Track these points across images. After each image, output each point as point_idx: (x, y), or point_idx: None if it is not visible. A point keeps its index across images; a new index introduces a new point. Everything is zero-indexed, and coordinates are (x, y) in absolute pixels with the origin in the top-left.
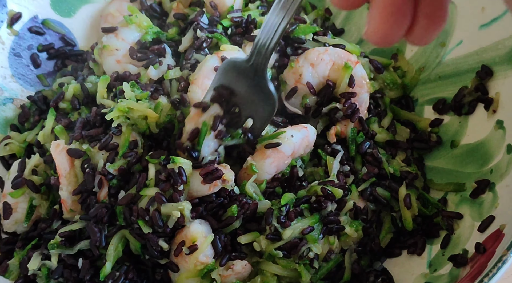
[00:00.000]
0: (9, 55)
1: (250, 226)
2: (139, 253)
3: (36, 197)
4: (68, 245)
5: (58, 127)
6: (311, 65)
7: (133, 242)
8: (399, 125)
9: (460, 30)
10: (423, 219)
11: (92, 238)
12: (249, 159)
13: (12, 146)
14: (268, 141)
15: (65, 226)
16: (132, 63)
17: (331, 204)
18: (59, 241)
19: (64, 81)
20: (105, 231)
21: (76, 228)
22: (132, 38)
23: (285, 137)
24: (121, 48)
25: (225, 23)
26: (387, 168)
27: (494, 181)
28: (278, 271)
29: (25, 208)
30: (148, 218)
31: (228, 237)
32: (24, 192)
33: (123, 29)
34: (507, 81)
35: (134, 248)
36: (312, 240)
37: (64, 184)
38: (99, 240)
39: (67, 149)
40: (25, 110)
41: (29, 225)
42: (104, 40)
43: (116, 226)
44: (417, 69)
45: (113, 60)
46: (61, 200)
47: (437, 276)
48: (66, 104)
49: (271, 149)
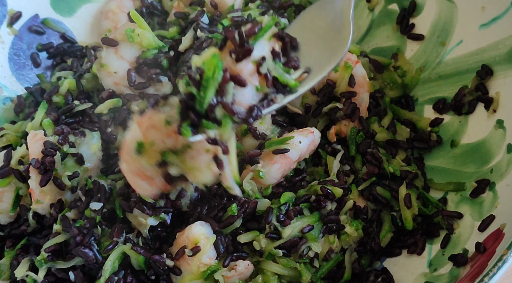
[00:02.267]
0: (9, 54)
1: (250, 225)
2: (142, 268)
3: (22, 187)
4: (56, 259)
5: (46, 120)
6: None
7: (135, 257)
8: (399, 124)
9: (460, 29)
10: (423, 219)
11: (86, 259)
12: (259, 165)
13: (8, 136)
14: (276, 147)
15: (49, 240)
16: (129, 87)
17: (331, 203)
18: (46, 257)
19: (63, 75)
20: (95, 246)
21: (60, 241)
22: (132, 55)
23: (293, 143)
24: (119, 71)
25: (225, 23)
26: (387, 167)
27: (494, 180)
28: (278, 270)
29: (11, 198)
30: None
31: (229, 237)
32: (10, 181)
33: (123, 44)
34: (507, 81)
35: (137, 263)
36: (312, 239)
37: (33, 174)
38: (94, 258)
39: (45, 141)
40: (20, 100)
41: (13, 216)
42: (103, 55)
43: (113, 242)
44: (417, 68)
45: (110, 81)
46: (29, 190)
47: (437, 275)
48: (60, 98)
49: (279, 155)
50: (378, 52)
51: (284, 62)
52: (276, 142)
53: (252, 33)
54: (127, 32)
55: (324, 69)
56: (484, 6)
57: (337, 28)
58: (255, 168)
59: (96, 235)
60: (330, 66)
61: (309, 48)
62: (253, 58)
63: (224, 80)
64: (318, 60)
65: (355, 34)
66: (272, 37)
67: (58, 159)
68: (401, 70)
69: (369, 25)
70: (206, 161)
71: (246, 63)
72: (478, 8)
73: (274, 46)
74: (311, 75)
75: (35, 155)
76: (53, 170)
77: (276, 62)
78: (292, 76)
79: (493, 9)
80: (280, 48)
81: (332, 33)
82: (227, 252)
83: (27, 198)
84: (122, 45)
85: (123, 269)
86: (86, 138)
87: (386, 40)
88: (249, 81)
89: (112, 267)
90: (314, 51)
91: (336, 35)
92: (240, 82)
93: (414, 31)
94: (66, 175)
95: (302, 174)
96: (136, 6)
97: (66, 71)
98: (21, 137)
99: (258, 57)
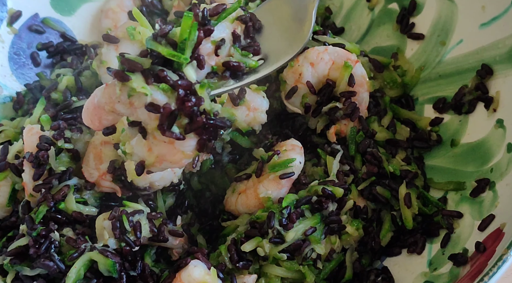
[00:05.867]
0: (9, 53)
1: (251, 233)
2: (111, 273)
3: (18, 181)
4: (22, 262)
5: (44, 116)
6: (311, 64)
7: (103, 262)
8: (399, 124)
9: (460, 29)
10: (423, 218)
11: (48, 270)
12: (268, 192)
13: (7, 132)
14: (281, 171)
15: (13, 243)
16: None
17: (332, 204)
18: (9, 261)
19: (62, 72)
20: (56, 256)
21: (23, 244)
22: (132, 53)
23: (295, 165)
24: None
25: None
26: (387, 167)
27: (494, 180)
28: (282, 273)
29: (7, 192)
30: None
31: (233, 247)
32: (6, 175)
33: (124, 42)
34: (508, 80)
35: (105, 268)
36: (315, 241)
37: (27, 167)
38: (56, 268)
39: (40, 135)
40: (20, 97)
41: (9, 210)
42: (104, 52)
43: (79, 249)
44: (417, 68)
45: (110, 78)
46: (22, 183)
47: (437, 275)
48: (58, 95)
49: (285, 179)
50: (378, 51)
51: (245, 44)
52: (278, 164)
53: (215, 13)
54: (128, 29)
55: (280, 59)
56: (484, 6)
57: (300, 20)
58: (265, 195)
59: (56, 242)
60: (287, 57)
61: (269, 33)
62: (213, 38)
63: (199, 40)
64: (276, 48)
65: (355, 33)
66: (236, 20)
67: (52, 153)
68: (401, 69)
69: (369, 24)
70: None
71: (205, 43)
72: (478, 8)
73: (236, 29)
74: (266, 63)
75: (30, 149)
76: (47, 164)
77: (235, 46)
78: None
79: (493, 9)
80: (242, 31)
81: (294, 24)
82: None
83: (23, 192)
84: (122, 43)
85: (95, 277)
86: (82, 134)
87: (386, 40)
88: (206, 61)
89: (77, 275)
90: (274, 38)
91: (297, 27)
92: (199, 62)
93: (414, 30)
94: (60, 170)
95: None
96: (136, 5)
97: (65, 69)
98: (20, 133)
99: (218, 38)
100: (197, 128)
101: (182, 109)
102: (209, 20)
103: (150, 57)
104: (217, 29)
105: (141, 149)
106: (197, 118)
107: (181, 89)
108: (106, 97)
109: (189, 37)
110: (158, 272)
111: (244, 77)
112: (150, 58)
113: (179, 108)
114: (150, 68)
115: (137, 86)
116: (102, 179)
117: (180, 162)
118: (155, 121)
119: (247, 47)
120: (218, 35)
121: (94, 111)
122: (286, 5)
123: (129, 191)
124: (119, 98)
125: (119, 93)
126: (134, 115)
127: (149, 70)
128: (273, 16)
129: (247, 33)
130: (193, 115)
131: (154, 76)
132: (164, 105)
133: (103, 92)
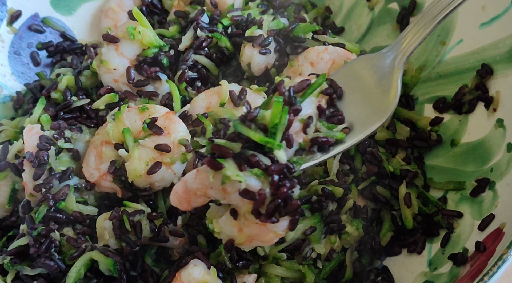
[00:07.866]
0: (8, 53)
1: None
2: (111, 273)
3: (18, 181)
4: (22, 262)
5: (44, 116)
6: (310, 64)
7: (104, 261)
8: (399, 123)
9: (460, 28)
10: (423, 218)
11: (49, 270)
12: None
13: (7, 132)
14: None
15: (13, 243)
16: (128, 85)
17: (332, 203)
18: (9, 260)
19: (62, 71)
20: (57, 256)
21: (24, 243)
22: (132, 53)
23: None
24: (119, 67)
25: (225, 22)
26: (387, 166)
27: (494, 179)
28: (282, 273)
29: (7, 192)
30: None
31: (234, 250)
32: (6, 175)
33: (124, 41)
34: (508, 80)
35: (105, 268)
36: (315, 240)
37: (27, 167)
38: (56, 268)
39: (40, 135)
40: (19, 96)
41: (9, 210)
42: (104, 51)
43: (80, 249)
44: (417, 67)
45: (110, 78)
46: (23, 183)
47: (437, 274)
48: (58, 94)
49: None
50: (378, 51)
51: (329, 114)
52: None
53: (301, 89)
54: (128, 29)
55: (366, 129)
56: (484, 5)
57: (384, 88)
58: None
59: (56, 241)
60: (373, 127)
61: (351, 100)
62: (300, 117)
63: (290, 123)
64: (360, 117)
65: (355, 33)
66: (320, 94)
67: (52, 153)
68: None
69: (369, 24)
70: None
71: (294, 121)
72: (478, 7)
73: (320, 101)
74: (352, 133)
75: (30, 149)
76: (47, 164)
77: (321, 120)
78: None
79: (494, 8)
80: (326, 102)
81: (378, 91)
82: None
83: (23, 192)
84: (123, 42)
85: (95, 277)
86: (82, 134)
87: (386, 39)
88: (295, 139)
89: (78, 274)
90: (356, 105)
91: (381, 95)
92: (288, 142)
93: None
94: (60, 170)
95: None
96: (136, 5)
97: (65, 68)
98: (20, 132)
99: (305, 116)
100: (292, 211)
101: (277, 194)
102: (295, 97)
103: (238, 140)
104: (303, 106)
105: (231, 229)
106: (292, 201)
107: (275, 174)
108: (198, 183)
109: (280, 121)
110: (159, 271)
111: (331, 149)
112: (239, 141)
113: (273, 193)
114: (241, 152)
115: (231, 174)
116: (102, 179)
117: (272, 241)
118: (249, 205)
119: (331, 117)
120: (305, 112)
121: (184, 194)
122: (367, 70)
123: (129, 191)
124: (212, 185)
125: (212, 180)
126: (227, 199)
127: (240, 155)
128: (353, 81)
129: (331, 103)
130: (288, 199)
131: (246, 161)
132: (259, 191)
133: (195, 178)
